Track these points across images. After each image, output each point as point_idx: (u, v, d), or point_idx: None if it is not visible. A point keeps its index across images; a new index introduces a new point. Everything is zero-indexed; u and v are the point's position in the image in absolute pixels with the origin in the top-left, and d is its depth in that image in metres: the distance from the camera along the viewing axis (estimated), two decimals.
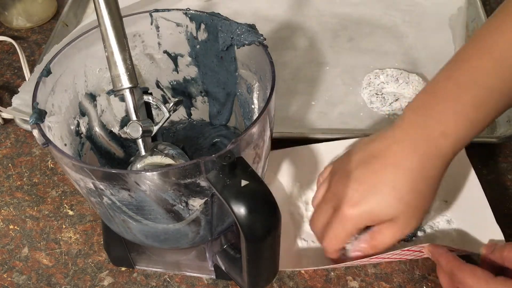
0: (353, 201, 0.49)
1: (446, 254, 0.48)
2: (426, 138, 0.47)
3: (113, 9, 0.44)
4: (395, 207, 0.48)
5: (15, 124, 0.69)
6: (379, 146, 0.50)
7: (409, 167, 0.47)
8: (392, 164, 0.48)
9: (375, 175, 0.48)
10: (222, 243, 0.52)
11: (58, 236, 0.59)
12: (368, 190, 0.48)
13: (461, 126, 0.47)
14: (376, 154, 0.49)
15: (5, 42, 0.82)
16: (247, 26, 0.48)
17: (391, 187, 0.47)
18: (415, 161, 0.47)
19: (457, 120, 0.47)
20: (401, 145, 0.48)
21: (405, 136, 0.48)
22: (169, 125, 0.60)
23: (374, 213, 0.48)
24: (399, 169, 0.48)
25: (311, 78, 0.74)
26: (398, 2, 0.84)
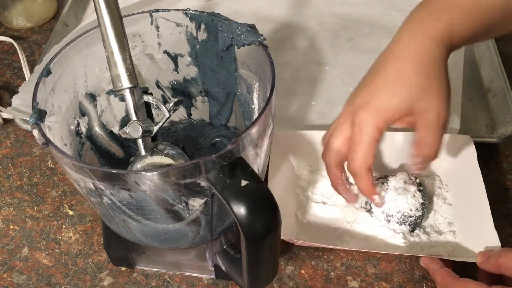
0: (365, 103, 0.47)
1: (440, 270, 0.48)
2: (422, 27, 0.48)
3: (113, 9, 0.44)
4: (407, 92, 0.46)
5: (15, 124, 0.69)
6: (382, 54, 0.50)
7: (409, 55, 0.47)
8: (393, 58, 0.48)
9: (380, 75, 0.48)
10: (222, 243, 0.52)
11: (58, 236, 0.59)
12: (377, 88, 0.48)
13: (455, 15, 0.48)
14: (378, 59, 0.50)
15: (5, 42, 0.82)
16: (247, 26, 0.48)
17: (396, 76, 0.47)
18: (414, 47, 0.47)
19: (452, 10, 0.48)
20: (399, 40, 0.49)
21: (403, 32, 0.49)
22: (169, 125, 0.60)
23: (389, 107, 0.47)
24: (401, 59, 0.47)
25: (311, 78, 0.74)
26: (398, 2, 0.84)
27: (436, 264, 0.50)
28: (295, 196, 0.58)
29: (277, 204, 0.39)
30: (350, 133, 0.48)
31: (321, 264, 0.55)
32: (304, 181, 0.60)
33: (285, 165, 0.59)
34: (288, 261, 0.56)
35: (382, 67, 0.49)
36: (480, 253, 0.49)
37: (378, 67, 0.49)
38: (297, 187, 0.59)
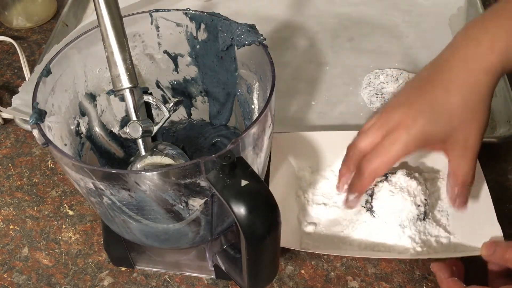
0: (405, 123, 0.48)
1: (447, 280, 0.48)
2: (475, 54, 0.47)
3: (113, 9, 0.44)
4: (448, 124, 0.47)
5: (15, 124, 0.69)
6: (429, 70, 0.50)
7: (458, 84, 0.47)
8: (441, 83, 0.48)
9: (425, 97, 0.48)
10: (222, 243, 0.52)
11: (58, 236, 0.59)
12: (420, 112, 0.48)
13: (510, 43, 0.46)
14: (425, 77, 0.49)
15: (5, 42, 0.82)
16: (247, 26, 0.48)
17: (441, 106, 0.47)
18: (464, 77, 0.47)
19: (508, 36, 0.46)
20: (450, 64, 0.48)
21: (455, 55, 0.48)
22: (169, 125, 0.60)
23: (426, 133, 0.48)
24: (449, 87, 0.47)
25: (311, 78, 0.74)
26: (398, 2, 0.84)
27: (443, 272, 0.49)
28: (297, 198, 0.58)
29: (277, 204, 0.39)
30: (379, 140, 0.50)
31: (321, 264, 0.55)
32: (305, 183, 0.60)
33: (285, 167, 0.59)
34: (288, 261, 0.56)
35: (429, 89, 0.48)
36: (485, 245, 0.49)
37: (426, 85, 0.49)
38: (298, 189, 0.59)
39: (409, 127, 0.48)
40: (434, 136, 0.48)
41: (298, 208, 0.58)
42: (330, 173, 0.60)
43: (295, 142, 0.60)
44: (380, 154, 0.49)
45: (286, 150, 0.60)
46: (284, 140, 0.60)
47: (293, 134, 0.61)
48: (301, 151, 0.60)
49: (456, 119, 0.47)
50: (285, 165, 0.59)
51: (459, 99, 0.47)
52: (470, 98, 0.47)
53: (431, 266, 0.51)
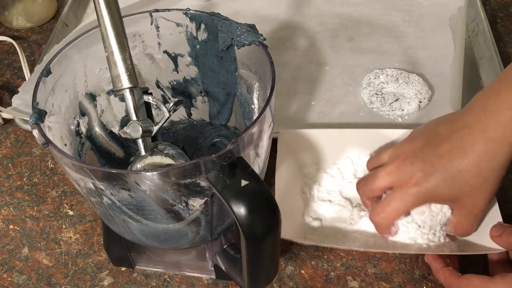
0: (417, 180, 0.49)
1: (442, 270, 0.49)
2: (496, 123, 0.47)
3: (113, 9, 0.44)
4: (458, 190, 0.49)
5: (15, 124, 0.69)
6: (447, 129, 0.50)
7: (476, 152, 0.48)
8: (459, 147, 0.48)
9: (442, 157, 0.49)
10: (222, 243, 0.52)
11: (58, 236, 0.59)
12: (433, 171, 0.49)
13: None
14: (444, 137, 0.50)
15: (5, 42, 0.82)
16: (247, 26, 0.48)
17: (456, 170, 0.48)
18: (483, 146, 0.47)
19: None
20: (470, 129, 0.48)
21: (475, 120, 0.49)
22: (169, 125, 0.60)
23: (435, 194, 0.49)
24: (466, 153, 0.48)
25: (311, 78, 0.74)
26: (398, 2, 0.84)
27: (439, 263, 0.50)
28: (302, 195, 0.59)
29: (277, 204, 0.39)
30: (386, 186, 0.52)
31: (321, 264, 0.55)
32: (311, 180, 0.60)
33: (291, 164, 0.59)
34: (288, 261, 0.56)
35: (447, 151, 0.49)
36: (494, 226, 0.50)
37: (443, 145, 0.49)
38: (304, 186, 0.59)
39: (420, 184, 0.49)
40: (443, 197, 0.50)
41: (303, 204, 0.58)
42: (335, 170, 0.60)
43: (301, 139, 0.60)
44: (389, 208, 0.51)
45: (292, 147, 0.60)
46: (289, 137, 0.60)
47: (299, 131, 0.61)
48: (306, 148, 0.60)
49: (468, 186, 0.48)
50: (291, 161, 0.60)
51: (475, 167, 0.48)
52: (486, 167, 0.48)
53: (425, 256, 0.52)
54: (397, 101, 0.68)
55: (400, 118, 0.67)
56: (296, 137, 0.60)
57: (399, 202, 0.50)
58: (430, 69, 0.73)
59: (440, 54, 0.75)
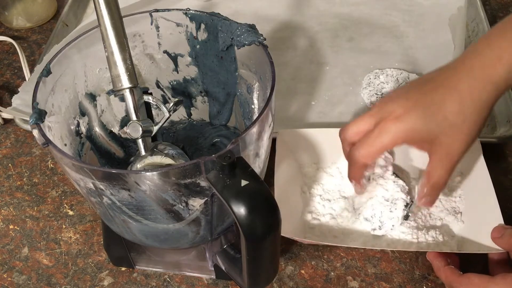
0: (397, 114, 0.48)
1: (443, 269, 0.49)
2: (481, 63, 0.47)
3: (113, 9, 0.44)
4: (437, 125, 0.47)
5: (15, 124, 0.69)
6: (435, 72, 0.50)
7: (459, 89, 0.47)
8: (443, 85, 0.48)
9: (425, 95, 0.48)
10: (222, 243, 0.52)
11: (58, 236, 0.59)
12: (414, 106, 0.48)
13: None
14: (429, 78, 0.50)
15: (5, 42, 0.82)
16: (247, 26, 0.48)
17: (437, 106, 0.47)
18: (467, 84, 0.47)
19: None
20: (456, 69, 0.48)
21: (461, 62, 0.49)
22: (169, 125, 0.60)
23: (414, 129, 0.48)
24: (450, 90, 0.48)
25: (311, 78, 0.74)
26: (398, 2, 0.84)
27: (440, 261, 0.50)
28: (302, 194, 0.59)
29: (277, 204, 0.39)
30: (368, 128, 0.50)
31: (321, 264, 0.55)
32: (310, 179, 0.60)
33: (290, 163, 0.60)
34: (288, 261, 0.56)
35: (430, 89, 0.49)
36: (495, 228, 0.50)
37: (427, 84, 0.49)
38: (303, 185, 0.59)
39: (400, 118, 0.48)
40: (422, 133, 0.48)
41: (302, 203, 0.58)
42: (334, 169, 0.60)
43: (300, 139, 0.60)
44: (367, 143, 0.49)
45: (291, 146, 0.60)
46: (288, 137, 0.60)
47: (299, 131, 0.61)
48: (306, 147, 0.61)
49: (447, 123, 0.47)
50: (290, 161, 0.60)
51: (457, 104, 0.47)
52: (468, 106, 0.47)
53: (427, 254, 0.52)
54: None
55: None
56: (295, 136, 0.60)
57: (378, 137, 0.49)
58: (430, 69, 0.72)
59: (440, 54, 0.75)
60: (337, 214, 0.57)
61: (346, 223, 0.56)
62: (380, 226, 0.54)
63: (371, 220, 0.55)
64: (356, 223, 0.56)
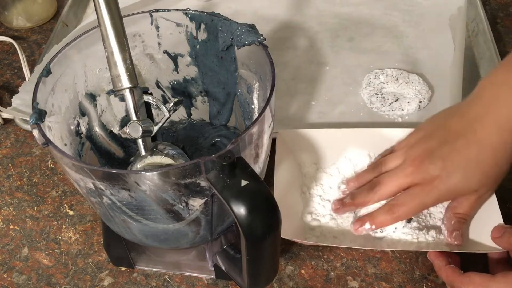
0: (441, 178, 0.50)
1: (444, 268, 0.50)
2: (508, 113, 0.49)
3: (113, 9, 0.44)
4: (478, 182, 0.50)
5: (15, 124, 0.69)
6: (459, 123, 0.52)
7: (492, 144, 0.49)
8: (475, 141, 0.50)
9: (460, 153, 0.50)
10: (222, 243, 0.52)
11: (58, 236, 0.59)
12: (455, 167, 0.50)
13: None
14: (458, 132, 0.51)
15: (5, 42, 0.82)
16: (247, 26, 0.48)
17: (475, 164, 0.50)
18: (498, 137, 0.49)
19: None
20: (483, 121, 0.50)
21: (486, 111, 0.50)
22: (169, 125, 0.60)
23: (459, 188, 0.51)
24: (482, 146, 0.50)
25: (311, 78, 0.74)
26: (398, 2, 0.84)
27: (441, 261, 0.50)
28: (302, 195, 0.59)
29: (277, 204, 0.39)
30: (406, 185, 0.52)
31: (321, 264, 0.55)
32: (310, 179, 0.60)
33: (290, 164, 0.59)
34: (288, 261, 0.56)
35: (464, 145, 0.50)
36: (495, 227, 0.51)
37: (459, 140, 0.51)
38: (303, 186, 0.59)
39: (445, 182, 0.50)
40: (464, 191, 0.51)
41: (302, 204, 0.58)
42: (334, 169, 0.60)
43: (300, 139, 0.60)
44: (413, 202, 0.51)
45: (291, 146, 0.60)
46: (288, 137, 0.60)
47: (298, 131, 0.61)
48: (306, 147, 0.61)
49: (485, 177, 0.50)
50: (289, 161, 0.60)
51: (492, 159, 0.50)
52: (501, 157, 0.50)
53: (428, 254, 0.52)
54: (397, 101, 0.68)
55: (400, 118, 0.67)
56: (295, 136, 0.60)
57: (424, 198, 0.51)
58: (430, 69, 0.73)
59: (440, 54, 0.75)
60: (336, 215, 0.57)
61: (346, 223, 0.56)
62: (381, 229, 0.54)
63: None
64: None
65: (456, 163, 0.50)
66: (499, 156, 0.49)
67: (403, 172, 0.52)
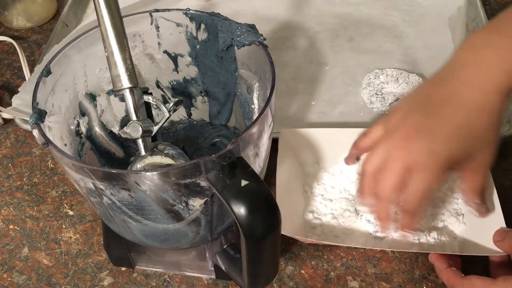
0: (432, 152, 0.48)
1: (445, 271, 0.49)
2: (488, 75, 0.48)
3: (113, 9, 0.44)
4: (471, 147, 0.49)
5: (15, 124, 0.69)
6: (442, 91, 0.50)
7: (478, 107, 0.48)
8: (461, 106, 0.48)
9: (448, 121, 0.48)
10: (222, 243, 0.52)
11: (58, 236, 0.59)
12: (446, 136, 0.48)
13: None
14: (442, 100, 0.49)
15: (5, 42, 0.82)
16: (247, 26, 0.48)
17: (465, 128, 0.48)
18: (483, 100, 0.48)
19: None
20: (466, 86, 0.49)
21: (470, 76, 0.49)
22: (169, 125, 0.60)
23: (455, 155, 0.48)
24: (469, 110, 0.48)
25: (311, 78, 0.74)
26: (398, 2, 0.84)
27: (442, 263, 0.50)
28: (303, 194, 0.59)
29: (277, 204, 0.39)
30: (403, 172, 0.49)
31: (321, 264, 0.55)
32: (312, 178, 0.60)
33: (292, 163, 0.59)
34: (288, 261, 0.56)
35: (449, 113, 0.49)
36: (497, 231, 0.50)
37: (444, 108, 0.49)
38: (305, 185, 0.59)
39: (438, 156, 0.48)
40: (459, 158, 0.49)
41: (304, 203, 0.58)
42: (336, 169, 0.60)
43: (302, 138, 0.60)
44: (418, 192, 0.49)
45: (293, 146, 0.60)
46: (290, 136, 0.60)
47: (301, 130, 0.61)
48: (308, 147, 0.60)
49: (478, 141, 0.49)
50: (292, 160, 0.60)
51: (480, 120, 0.48)
52: (489, 118, 0.48)
53: (429, 256, 0.52)
54: (397, 101, 0.68)
55: None
56: (297, 136, 0.60)
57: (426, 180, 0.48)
58: (430, 69, 0.73)
59: (440, 54, 0.75)
60: (338, 214, 0.57)
61: (347, 223, 0.56)
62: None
63: (374, 222, 0.55)
64: (358, 223, 0.56)
65: (446, 131, 0.48)
66: (486, 117, 0.48)
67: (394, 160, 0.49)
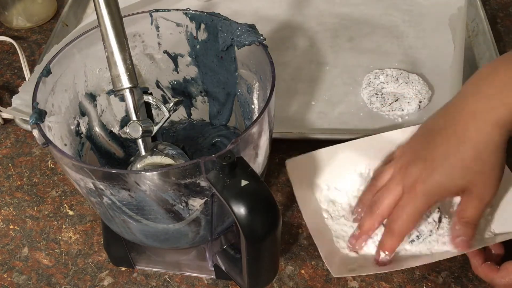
0: (422, 178, 0.49)
1: (480, 268, 0.50)
2: (486, 107, 0.48)
3: (113, 9, 0.44)
4: (462, 177, 0.48)
5: (15, 124, 0.69)
6: (440, 120, 0.51)
7: (470, 137, 0.48)
8: (453, 135, 0.49)
9: (439, 149, 0.49)
10: (222, 243, 0.52)
11: (58, 236, 0.59)
12: (435, 164, 0.49)
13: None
14: (437, 128, 0.51)
15: (5, 42, 0.82)
16: (247, 26, 0.48)
17: (454, 157, 0.48)
18: (475, 133, 0.48)
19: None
20: (460, 117, 0.49)
21: (464, 108, 0.49)
22: (169, 125, 0.60)
23: (442, 186, 0.49)
24: (461, 140, 0.48)
25: (311, 78, 0.74)
26: (398, 2, 0.84)
27: (477, 260, 0.50)
28: (325, 221, 0.56)
29: (277, 204, 0.39)
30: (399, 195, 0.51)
31: (321, 264, 0.55)
32: (327, 202, 0.58)
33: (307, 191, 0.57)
34: (288, 261, 0.56)
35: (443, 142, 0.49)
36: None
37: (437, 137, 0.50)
38: (323, 211, 0.57)
39: (426, 182, 0.49)
40: (450, 189, 0.49)
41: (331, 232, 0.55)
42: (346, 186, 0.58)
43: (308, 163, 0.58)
44: (402, 214, 0.50)
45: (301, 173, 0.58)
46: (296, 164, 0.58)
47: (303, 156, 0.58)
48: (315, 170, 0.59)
49: (469, 172, 0.48)
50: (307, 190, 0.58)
51: (472, 152, 0.48)
52: (482, 151, 0.48)
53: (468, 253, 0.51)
54: (397, 101, 0.68)
55: (400, 118, 0.67)
56: (303, 162, 0.58)
57: (413, 204, 0.49)
58: (430, 69, 0.73)
59: (440, 54, 0.75)
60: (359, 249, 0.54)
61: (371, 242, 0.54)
62: (418, 235, 0.52)
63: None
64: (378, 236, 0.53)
65: (436, 159, 0.49)
66: (479, 149, 0.48)
67: (393, 182, 0.51)
